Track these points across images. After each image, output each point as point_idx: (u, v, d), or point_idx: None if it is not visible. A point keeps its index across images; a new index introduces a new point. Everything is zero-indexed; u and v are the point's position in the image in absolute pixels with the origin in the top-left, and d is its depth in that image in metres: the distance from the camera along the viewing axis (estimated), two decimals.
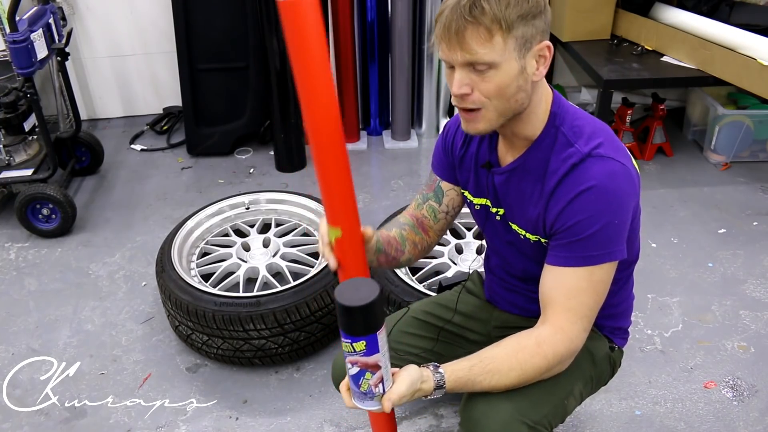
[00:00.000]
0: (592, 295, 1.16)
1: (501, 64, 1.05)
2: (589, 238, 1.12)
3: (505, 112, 1.11)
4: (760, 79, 2.68)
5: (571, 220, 1.12)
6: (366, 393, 1.06)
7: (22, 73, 2.64)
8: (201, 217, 2.45)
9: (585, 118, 1.19)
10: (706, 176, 3.16)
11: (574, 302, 1.15)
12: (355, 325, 0.98)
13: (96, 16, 3.57)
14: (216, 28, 3.24)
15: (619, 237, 1.14)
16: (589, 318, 1.17)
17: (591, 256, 1.13)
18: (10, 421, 1.96)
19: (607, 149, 1.13)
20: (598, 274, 1.14)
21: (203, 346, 2.06)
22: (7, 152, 2.88)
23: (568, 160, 1.13)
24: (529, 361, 1.15)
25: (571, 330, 1.16)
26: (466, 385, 1.14)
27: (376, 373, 1.03)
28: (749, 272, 2.49)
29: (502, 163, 1.26)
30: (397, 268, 1.44)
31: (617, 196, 1.11)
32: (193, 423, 1.94)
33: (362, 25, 3.31)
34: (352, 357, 1.02)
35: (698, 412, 1.92)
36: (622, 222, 1.13)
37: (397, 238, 1.37)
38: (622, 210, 1.13)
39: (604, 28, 3.35)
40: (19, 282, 2.55)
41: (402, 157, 3.42)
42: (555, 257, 1.17)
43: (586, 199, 1.11)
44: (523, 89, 1.10)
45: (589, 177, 1.11)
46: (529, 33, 1.05)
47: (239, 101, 3.39)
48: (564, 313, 1.15)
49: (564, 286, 1.16)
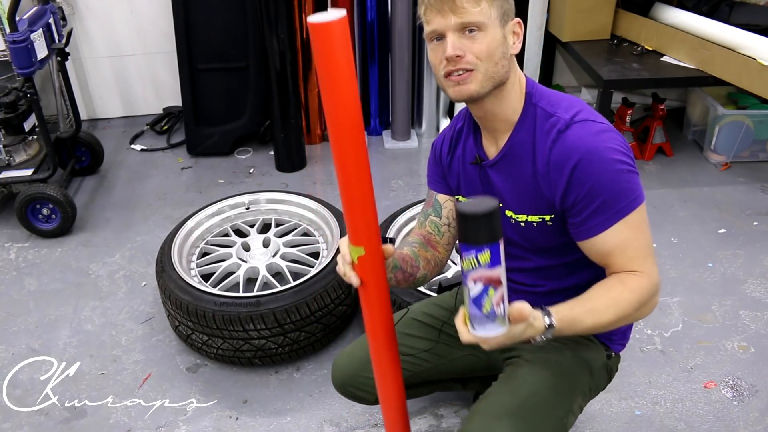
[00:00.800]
0: (641, 236, 1.19)
1: (488, 27, 1.13)
2: (608, 198, 1.15)
3: (493, 76, 1.17)
4: (760, 79, 2.68)
5: (581, 191, 1.16)
6: (488, 315, 1.04)
7: (22, 73, 2.64)
8: (201, 217, 2.45)
9: (558, 95, 1.25)
10: (706, 176, 3.16)
11: (630, 252, 1.19)
12: (480, 233, 0.99)
13: (96, 16, 3.57)
14: (216, 27, 3.24)
15: (631, 183, 1.16)
16: (651, 253, 1.21)
17: (618, 210, 1.16)
18: (10, 421, 1.96)
19: (588, 114, 1.19)
20: (634, 219, 1.17)
21: (203, 346, 2.06)
22: (7, 152, 2.88)
23: (552, 129, 1.18)
24: (621, 297, 1.18)
25: (644, 268, 1.19)
26: (572, 324, 1.15)
27: (498, 289, 1.02)
28: (749, 272, 2.49)
29: (489, 155, 1.30)
30: (415, 287, 1.46)
31: (613, 150, 1.15)
32: (193, 423, 1.94)
33: (362, 25, 3.31)
34: (475, 273, 1.01)
35: (698, 412, 1.92)
36: (629, 166, 1.16)
37: (410, 254, 1.39)
38: (623, 158, 1.16)
39: (604, 28, 3.35)
40: (19, 282, 2.56)
41: (402, 157, 3.42)
42: (587, 229, 1.20)
43: (586, 167, 1.14)
44: (505, 57, 1.17)
45: (579, 144, 1.15)
46: (506, 7, 1.16)
47: (239, 101, 3.39)
48: (629, 263, 1.19)
49: (612, 247, 1.19)
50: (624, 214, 1.16)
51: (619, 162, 1.15)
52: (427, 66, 3.40)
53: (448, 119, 3.62)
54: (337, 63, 0.92)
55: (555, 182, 1.18)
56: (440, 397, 1.98)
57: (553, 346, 1.34)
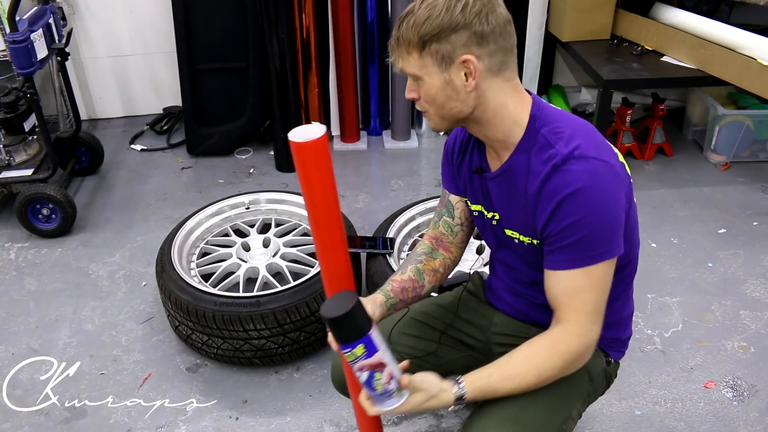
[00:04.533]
0: (594, 291, 1.17)
1: (423, 77, 1.14)
2: (582, 241, 1.12)
3: (445, 116, 1.19)
4: (760, 79, 2.68)
5: (561, 224, 1.13)
6: (383, 393, 1.11)
7: (22, 73, 2.64)
8: (201, 217, 2.45)
9: (565, 119, 1.20)
10: (706, 176, 3.16)
11: (577, 301, 1.17)
12: (346, 332, 1.05)
13: (96, 16, 3.57)
14: (216, 28, 3.24)
15: (612, 234, 1.14)
16: (597, 312, 1.19)
17: (586, 257, 1.14)
18: (10, 421, 1.96)
19: (588, 148, 1.13)
20: (597, 272, 1.15)
21: (203, 346, 2.06)
22: (7, 152, 2.88)
23: (548, 162, 1.14)
24: (546, 363, 1.18)
25: (580, 326, 1.18)
26: (488, 393, 1.17)
27: (384, 371, 1.08)
28: (749, 272, 2.49)
29: (492, 168, 1.29)
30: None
31: (604, 194, 1.11)
32: (193, 423, 1.94)
33: (362, 25, 3.31)
34: (357, 364, 1.07)
35: (698, 412, 1.92)
36: (613, 219, 1.13)
37: (412, 277, 1.42)
38: (612, 207, 1.13)
39: (604, 28, 3.35)
40: (19, 282, 2.56)
41: (402, 157, 3.42)
42: (551, 261, 1.18)
43: (573, 202, 1.11)
44: (454, 99, 1.16)
45: (573, 179, 1.11)
46: (446, 49, 1.11)
47: (239, 101, 3.39)
48: (571, 313, 1.18)
49: (565, 289, 1.17)
50: (589, 263, 1.14)
51: (606, 211, 1.12)
52: None
53: None
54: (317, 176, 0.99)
55: (542, 211, 1.16)
56: None
57: None
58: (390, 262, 2.10)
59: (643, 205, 2.87)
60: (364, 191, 3.11)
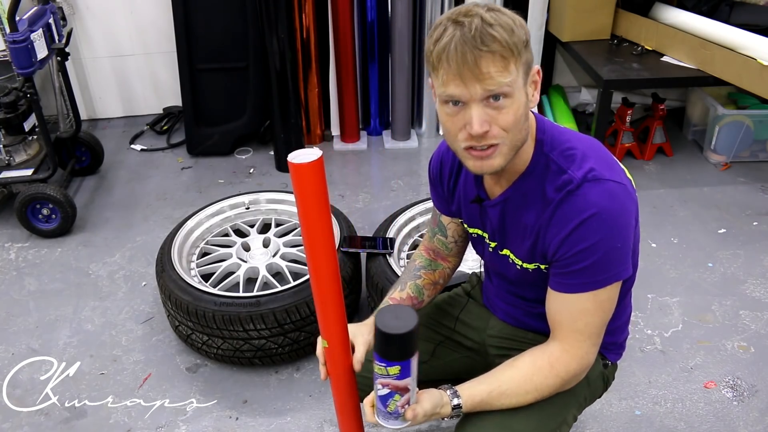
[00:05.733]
0: (599, 314, 1.16)
1: (515, 93, 1.03)
2: (593, 265, 1.10)
3: (516, 144, 1.09)
4: (760, 79, 2.68)
5: (575, 248, 1.10)
6: (392, 413, 1.11)
7: (22, 73, 2.64)
8: (201, 217, 2.45)
9: (573, 139, 1.16)
10: (706, 176, 3.16)
11: (581, 324, 1.16)
12: (392, 350, 1.03)
13: (96, 16, 3.57)
14: (216, 28, 3.24)
15: (623, 257, 1.13)
16: (598, 334, 1.19)
17: (596, 281, 1.12)
18: (10, 421, 1.96)
19: (602, 170, 1.11)
20: (604, 295, 1.14)
21: (203, 346, 2.06)
22: (7, 152, 2.88)
23: (563, 187, 1.11)
24: (544, 383, 1.18)
25: (580, 348, 1.18)
26: (484, 407, 1.18)
27: (404, 396, 1.08)
28: (749, 272, 2.49)
29: (491, 195, 1.25)
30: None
31: (619, 218, 1.09)
32: (193, 423, 1.94)
33: (362, 25, 3.31)
34: (384, 379, 1.06)
35: (698, 412, 1.92)
36: (624, 242, 1.12)
37: (411, 294, 1.41)
38: (625, 231, 1.11)
39: (604, 28, 3.35)
40: (19, 282, 2.56)
41: (402, 157, 3.42)
42: (558, 284, 1.16)
43: (590, 227, 1.08)
44: (527, 117, 1.09)
45: (589, 203, 1.08)
46: (529, 58, 1.05)
47: (239, 101, 3.39)
48: (572, 334, 1.17)
49: (570, 311, 1.16)
50: (598, 286, 1.12)
51: (619, 235, 1.10)
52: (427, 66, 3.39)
53: None
54: (313, 197, 1.00)
55: (554, 235, 1.13)
56: None
57: None
58: (390, 262, 2.09)
59: (643, 205, 2.87)
60: (364, 191, 3.11)
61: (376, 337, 1.02)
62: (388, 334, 1.00)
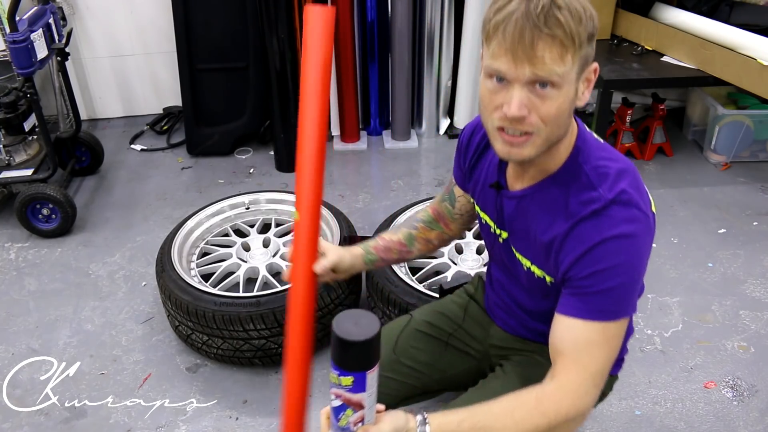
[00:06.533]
0: (606, 351, 1.06)
1: (564, 84, 0.96)
2: (608, 292, 1.03)
3: (551, 139, 1.02)
4: (760, 79, 2.68)
5: (590, 269, 1.03)
6: (344, 429, 1.01)
7: (22, 73, 2.64)
8: (201, 217, 2.45)
9: (610, 157, 1.09)
10: (706, 176, 3.16)
11: (585, 357, 1.05)
12: (347, 359, 0.93)
13: (96, 16, 3.57)
14: (216, 28, 3.24)
15: (634, 293, 1.06)
16: (602, 374, 1.07)
17: (607, 311, 1.04)
18: (10, 421, 1.96)
19: (632, 195, 1.04)
20: (613, 330, 1.05)
21: (203, 346, 2.06)
22: (7, 152, 2.88)
23: (590, 204, 1.04)
24: (526, 420, 1.03)
25: (579, 386, 1.05)
26: None
27: (357, 412, 0.98)
28: (749, 272, 2.49)
29: (511, 187, 1.18)
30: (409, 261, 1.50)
31: (639, 249, 1.03)
32: (193, 423, 1.94)
33: (362, 25, 3.31)
34: (336, 389, 0.97)
35: (698, 412, 1.92)
36: (639, 276, 1.05)
37: (402, 240, 1.40)
38: (641, 264, 1.05)
39: (604, 28, 3.35)
40: (19, 282, 2.56)
41: (402, 157, 3.42)
42: (567, 306, 1.07)
43: (609, 249, 1.01)
44: (570, 115, 1.03)
45: (614, 226, 1.01)
46: (590, 53, 0.99)
47: (239, 101, 3.39)
48: (573, 368, 1.05)
49: (575, 339, 1.06)
50: (609, 318, 1.04)
51: (636, 267, 1.03)
52: (427, 66, 3.40)
53: (448, 119, 3.62)
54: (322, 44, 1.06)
55: (569, 251, 1.05)
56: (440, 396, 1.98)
57: (538, 361, 1.30)
58: None
59: None
60: (364, 191, 3.11)
61: (332, 342, 0.92)
62: (344, 341, 0.90)
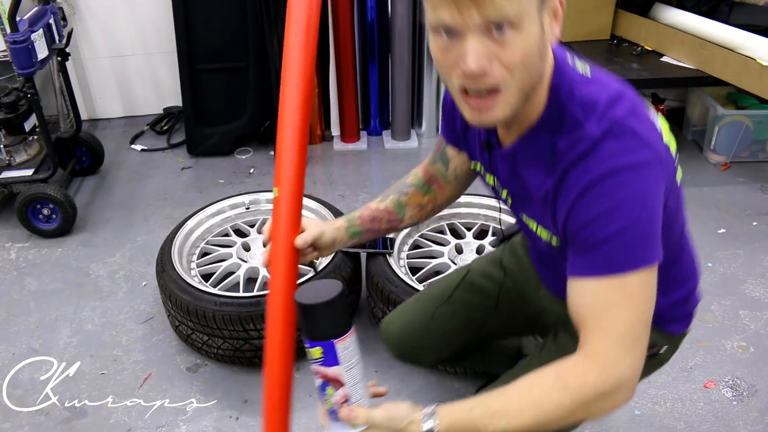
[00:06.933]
0: (629, 308, 0.91)
1: (524, 23, 0.83)
2: (609, 240, 0.89)
3: (524, 90, 0.89)
4: (759, 79, 2.68)
5: (584, 216, 0.90)
6: (331, 412, 0.96)
7: (23, 74, 2.64)
8: (201, 217, 2.45)
9: (596, 83, 0.95)
10: (705, 176, 3.16)
11: (605, 320, 0.92)
12: (310, 326, 0.90)
13: (96, 16, 3.57)
14: (216, 28, 3.25)
15: (649, 235, 0.90)
16: (633, 336, 0.92)
17: (617, 261, 0.90)
18: (11, 421, 1.96)
19: (627, 123, 0.89)
20: (633, 283, 0.90)
21: (203, 346, 2.06)
22: (7, 152, 2.88)
23: (575, 146, 0.91)
24: (545, 397, 0.92)
25: (605, 354, 0.92)
26: (468, 429, 0.94)
27: (338, 390, 0.94)
28: (749, 272, 2.49)
29: (503, 143, 1.05)
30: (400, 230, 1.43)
31: (639, 184, 0.88)
32: (193, 423, 1.94)
33: (362, 25, 3.31)
34: (313, 366, 0.95)
35: (698, 411, 1.93)
36: (650, 216, 0.90)
37: (390, 209, 1.31)
38: (648, 201, 0.89)
39: (604, 28, 3.35)
40: (20, 282, 2.56)
41: (402, 157, 3.42)
42: (574, 267, 0.95)
43: (598, 192, 0.88)
44: (542, 56, 0.90)
45: (601, 163, 0.88)
46: None
47: (239, 101, 3.39)
48: (595, 335, 0.92)
49: (591, 302, 0.93)
50: (621, 269, 0.90)
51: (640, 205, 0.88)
52: (427, 66, 3.40)
53: None
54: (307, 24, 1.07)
55: (563, 203, 0.94)
56: (440, 396, 1.98)
57: None
58: (390, 262, 2.10)
59: None
60: (364, 191, 3.11)
61: (297, 313, 0.90)
62: (303, 306, 0.88)
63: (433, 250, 2.35)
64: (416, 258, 2.33)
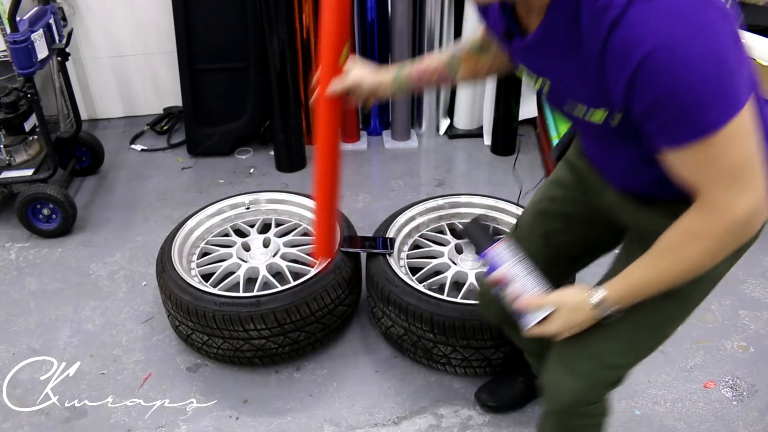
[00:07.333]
0: (727, 156, 0.87)
1: None
2: (683, 111, 0.83)
3: None
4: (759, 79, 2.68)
5: (645, 99, 0.84)
6: (514, 312, 1.15)
7: (23, 74, 2.64)
8: (201, 217, 2.45)
9: None
10: None
11: (708, 177, 0.90)
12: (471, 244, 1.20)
13: (96, 16, 3.57)
14: (216, 28, 3.25)
15: (727, 84, 0.83)
16: (743, 168, 0.89)
17: (698, 128, 0.85)
18: (11, 421, 1.96)
19: None
20: (723, 137, 0.85)
21: (203, 346, 2.07)
22: (7, 152, 2.88)
23: (603, 15, 0.83)
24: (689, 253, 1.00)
25: (723, 199, 0.92)
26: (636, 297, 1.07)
27: (508, 289, 1.12)
28: (749, 272, 2.49)
29: (527, 29, 1.00)
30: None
31: (692, 42, 0.80)
32: (193, 423, 1.94)
33: (362, 25, 3.31)
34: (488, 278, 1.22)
35: (698, 411, 1.93)
36: (721, 65, 0.81)
37: (443, 65, 1.33)
38: (712, 52, 0.81)
39: None
40: (20, 282, 2.56)
41: (402, 157, 3.43)
42: (658, 143, 0.91)
43: (650, 72, 0.81)
44: None
45: (641, 38, 0.80)
46: None
47: (239, 101, 3.39)
48: (706, 190, 0.93)
49: (688, 169, 0.92)
50: (705, 132, 0.84)
51: (704, 62, 0.80)
52: None
53: (448, 119, 3.63)
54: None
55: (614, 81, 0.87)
56: (440, 396, 1.98)
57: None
58: (390, 262, 2.10)
59: None
60: (364, 191, 3.11)
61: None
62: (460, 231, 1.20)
63: (433, 250, 2.35)
64: (416, 258, 2.33)
